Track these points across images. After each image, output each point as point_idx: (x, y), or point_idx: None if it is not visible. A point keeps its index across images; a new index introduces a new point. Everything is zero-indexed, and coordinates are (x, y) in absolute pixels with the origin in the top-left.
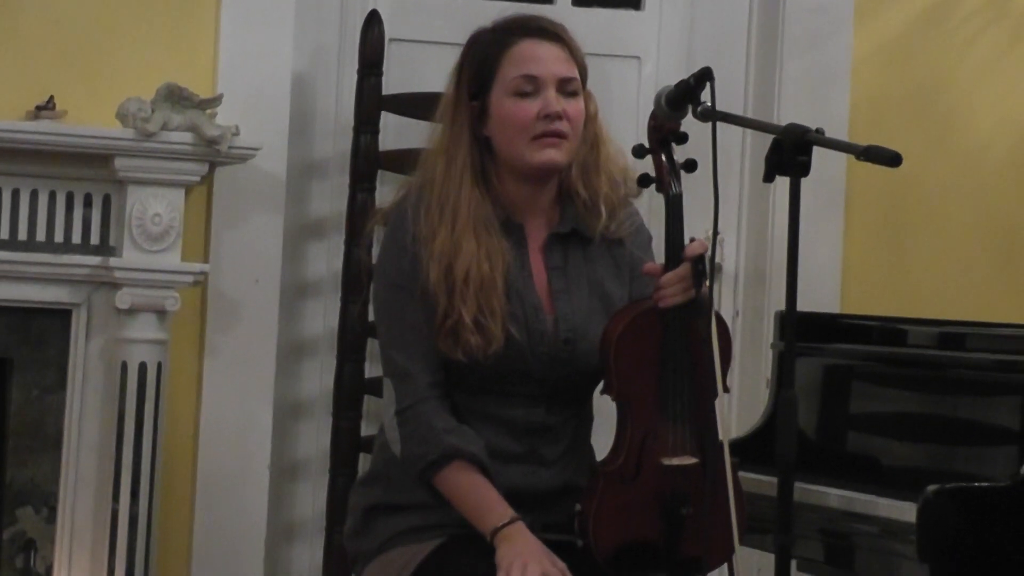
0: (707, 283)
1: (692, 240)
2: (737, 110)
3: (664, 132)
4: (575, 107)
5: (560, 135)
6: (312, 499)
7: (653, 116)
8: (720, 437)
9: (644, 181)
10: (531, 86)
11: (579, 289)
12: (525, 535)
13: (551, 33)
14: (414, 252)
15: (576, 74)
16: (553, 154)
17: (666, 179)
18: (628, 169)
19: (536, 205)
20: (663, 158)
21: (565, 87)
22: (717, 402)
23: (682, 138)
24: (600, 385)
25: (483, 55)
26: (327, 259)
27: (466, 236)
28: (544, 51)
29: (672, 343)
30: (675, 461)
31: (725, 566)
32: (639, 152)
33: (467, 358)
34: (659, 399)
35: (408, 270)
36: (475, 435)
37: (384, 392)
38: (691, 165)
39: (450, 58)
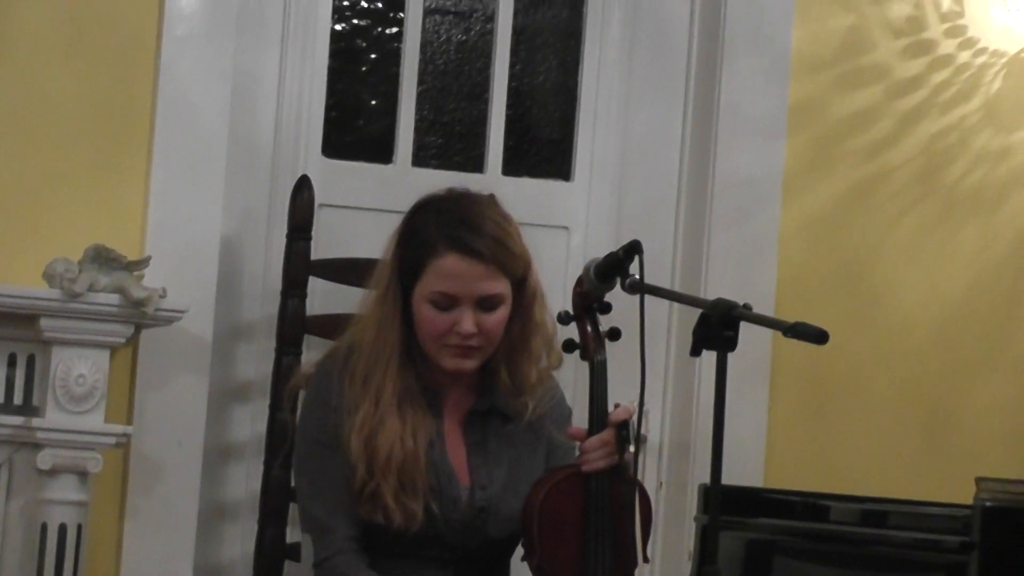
0: (631, 449)
1: (616, 406)
2: (664, 281)
3: (589, 300)
4: (493, 320)
5: (471, 350)
6: None
7: (579, 283)
8: None
9: (569, 347)
10: (448, 302)
11: (497, 464)
12: None
13: (479, 252)
14: (337, 411)
15: (500, 289)
16: (463, 363)
17: (591, 346)
18: (553, 339)
19: (458, 379)
20: (588, 326)
21: (485, 303)
22: (637, 572)
23: (606, 307)
24: (521, 553)
25: (412, 251)
26: (251, 422)
27: (390, 414)
28: (468, 270)
29: (594, 509)
30: None
31: None
32: (564, 319)
33: (386, 523)
34: (580, 565)
35: (331, 427)
36: None
37: (303, 548)
38: (615, 334)
39: (379, 225)
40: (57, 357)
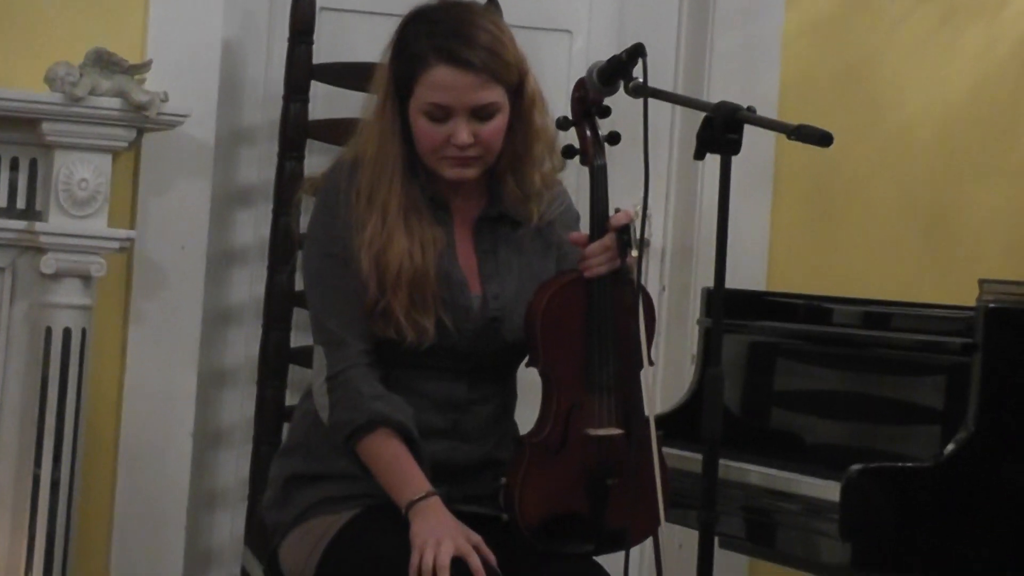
0: (632, 253)
1: (617, 210)
2: (667, 85)
3: (588, 104)
4: (490, 129)
5: (469, 159)
6: (235, 467)
7: (578, 87)
8: (646, 411)
9: (568, 153)
10: (442, 113)
11: (509, 271)
12: (439, 510)
13: (470, 62)
14: (346, 225)
15: (494, 98)
16: (463, 172)
17: (590, 151)
18: (555, 144)
19: (463, 187)
20: (587, 131)
21: (480, 112)
22: (643, 374)
23: (605, 111)
24: (525, 359)
25: (404, 64)
26: (254, 227)
27: (397, 229)
28: (458, 81)
29: (597, 314)
30: (601, 432)
31: (649, 540)
32: (563, 124)
33: (398, 338)
34: (585, 370)
35: (341, 239)
36: (404, 404)
37: (315, 359)
38: (615, 138)
39: (380, 28)
40: (60, 161)
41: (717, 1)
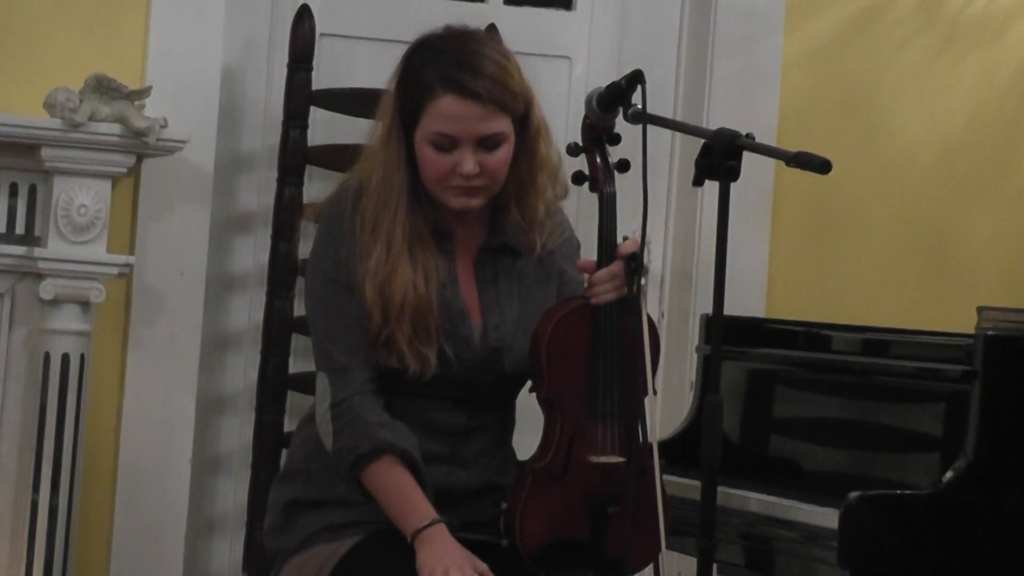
0: (639, 281)
1: (625, 238)
2: (667, 112)
3: (599, 132)
4: (495, 159)
5: (475, 189)
6: (233, 494)
7: (588, 115)
8: (649, 438)
9: (578, 179)
10: (448, 142)
11: (509, 301)
12: (445, 538)
13: (477, 93)
14: (350, 253)
15: (500, 128)
16: (468, 202)
17: (600, 178)
18: (558, 172)
19: (466, 217)
20: (597, 158)
21: (486, 142)
22: (646, 402)
23: (616, 139)
24: (527, 384)
25: (410, 94)
26: (253, 253)
27: (402, 259)
28: (465, 111)
29: (603, 341)
30: (603, 459)
31: (649, 567)
32: (573, 151)
33: (400, 368)
34: (588, 397)
35: (345, 266)
36: (408, 432)
37: (318, 386)
38: (624, 165)
39: (380, 54)
40: (59, 187)
41: (717, 28)
